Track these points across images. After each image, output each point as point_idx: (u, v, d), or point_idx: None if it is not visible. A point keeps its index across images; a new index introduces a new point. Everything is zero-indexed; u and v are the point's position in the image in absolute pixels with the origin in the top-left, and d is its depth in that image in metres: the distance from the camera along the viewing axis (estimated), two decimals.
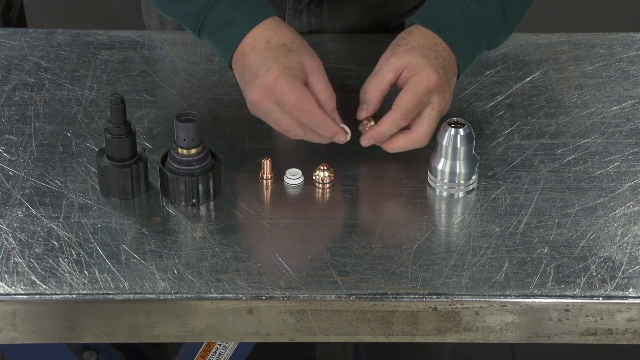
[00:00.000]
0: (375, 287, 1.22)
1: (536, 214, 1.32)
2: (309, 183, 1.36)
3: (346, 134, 1.34)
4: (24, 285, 1.22)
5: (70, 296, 1.21)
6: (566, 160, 1.40)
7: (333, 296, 1.21)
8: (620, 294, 1.22)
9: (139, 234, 1.28)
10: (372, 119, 1.35)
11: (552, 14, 2.97)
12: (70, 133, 1.43)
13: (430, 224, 1.31)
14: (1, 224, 1.29)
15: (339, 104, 1.34)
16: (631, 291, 1.22)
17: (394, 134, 1.34)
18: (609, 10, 3.11)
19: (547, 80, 1.54)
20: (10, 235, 1.28)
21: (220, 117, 1.46)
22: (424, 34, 1.35)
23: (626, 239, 1.29)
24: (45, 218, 1.30)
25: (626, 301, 1.22)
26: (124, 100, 1.29)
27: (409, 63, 1.33)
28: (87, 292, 1.21)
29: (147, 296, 1.21)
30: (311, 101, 1.31)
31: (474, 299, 1.21)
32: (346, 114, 1.36)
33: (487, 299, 1.22)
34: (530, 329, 1.23)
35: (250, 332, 1.23)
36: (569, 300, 1.22)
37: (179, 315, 1.22)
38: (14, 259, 1.25)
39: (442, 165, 1.33)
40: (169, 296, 1.21)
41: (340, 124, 1.34)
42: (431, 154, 1.35)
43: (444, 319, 1.22)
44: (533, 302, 1.22)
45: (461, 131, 1.31)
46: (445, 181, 1.34)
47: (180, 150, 1.30)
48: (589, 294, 1.22)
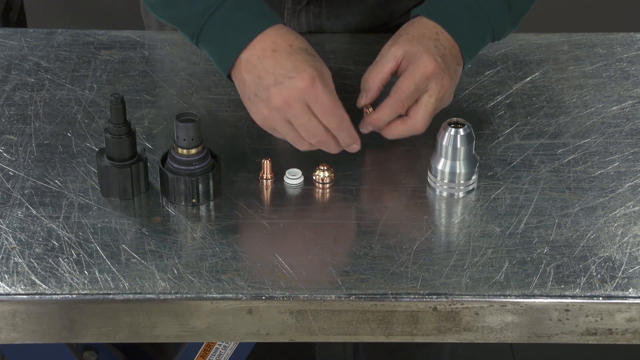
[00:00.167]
0: (375, 287, 1.22)
1: (536, 214, 1.32)
2: (309, 183, 1.36)
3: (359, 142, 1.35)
4: (24, 285, 1.22)
5: (70, 296, 1.21)
6: (566, 160, 1.40)
7: (333, 296, 1.21)
8: (620, 294, 1.22)
9: (139, 234, 1.28)
10: (371, 106, 1.36)
11: (552, 14, 2.97)
12: (70, 133, 1.43)
13: (430, 224, 1.31)
14: (1, 224, 1.29)
15: None
16: (631, 291, 1.22)
17: (391, 120, 1.35)
18: (609, 10, 3.11)
19: (547, 80, 1.54)
20: (10, 235, 1.28)
21: (220, 117, 1.46)
22: (426, 24, 1.36)
23: (626, 239, 1.29)
24: (45, 218, 1.30)
25: (626, 301, 1.22)
26: (124, 100, 1.29)
27: (408, 51, 1.34)
28: (87, 292, 1.21)
29: (147, 296, 1.21)
30: (342, 106, 1.31)
31: (474, 299, 1.21)
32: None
33: (487, 299, 1.22)
34: (530, 329, 1.23)
35: (250, 332, 1.23)
36: (569, 300, 1.22)
37: (179, 315, 1.22)
38: (14, 259, 1.25)
39: (442, 165, 1.33)
40: (169, 296, 1.21)
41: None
42: (431, 154, 1.35)
43: (444, 319, 1.22)
44: (533, 302, 1.22)
45: (461, 131, 1.31)
46: (445, 181, 1.34)
47: (180, 150, 1.30)
48: (589, 294, 1.22)
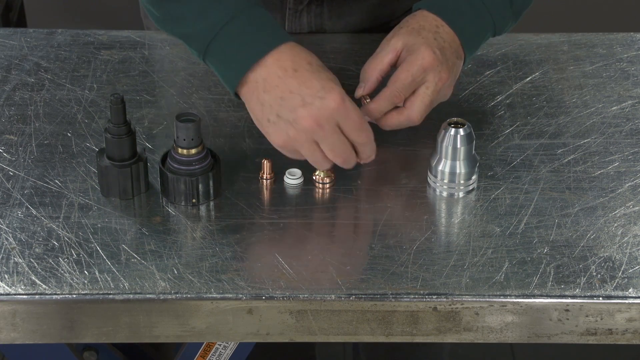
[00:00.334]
0: (375, 287, 1.22)
1: (536, 214, 1.32)
2: (309, 183, 1.36)
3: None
4: (24, 285, 1.22)
5: (70, 296, 1.21)
6: (566, 160, 1.40)
7: (333, 296, 1.21)
8: (620, 294, 1.22)
9: (139, 234, 1.28)
10: (368, 97, 1.36)
11: (552, 14, 2.97)
12: (70, 133, 1.43)
13: (430, 224, 1.31)
14: (1, 224, 1.29)
15: None
16: (631, 291, 1.22)
17: (388, 111, 1.35)
18: (609, 10, 3.11)
19: (547, 80, 1.54)
20: (10, 235, 1.28)
21: (220, 117, 1.46)
22: (426, 17, 1.37)
23: (626, 239, 1.29)
24: (45, 218, 1.30)
25: (626, 301, 1.22)
26: (124, 100, 1.29)
27: (407, 43, 1.35)
28: (87, 292, 1.21)
29: (147, 296, 1.21)
30: (366, 121, 1.31)
31: (474, 299, 1.21)
32: None
33: (487, 299, 1.22)
34: (530, 329, 1.23)
35: (250, 332, 1.23)
36: (569, 300, 1.22)
37: (179, 315, 1.22)
38: (14, 259, 1.25)
39: (442, 165, 1.33)
40: (169, 296, 1.21)
41: None
42: (431, 154, 1.35)
43: (444, 319, 1.22)
44: (533, 302, 1.22)
45: (461, 131, 1.31)
46: (445, 181, 1.34)
47: (180, 150, 1.30)
48: (589, 294, 1.22)
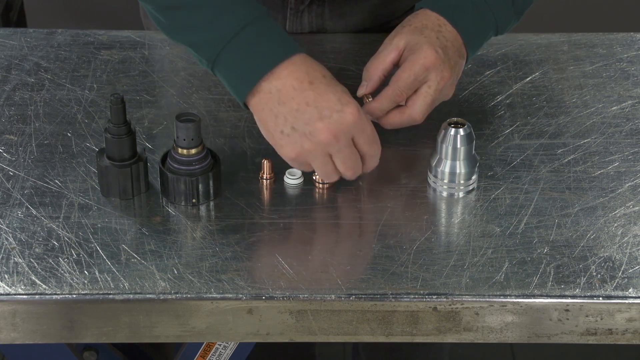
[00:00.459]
0: (375, 287, 1.22)
1: (536, 214, 1.32)
2: (309, 183, 1.36)
3: None
4: (24, 285, 1.22)
5: (70, 296, 1.21)
6: (566, 160, 1.40)
7: (333, 296, 1.21)
8: (620, 294, 1.22)
9: (139, 234, 1.28)
10: (370, 96, 1.37)
11: (552, 14, 2.97)
12: (70, 133, 1.43)
13: (430, 224, 1.31)
14: (1, 224, 1.29)
15: None
16: (631, 291, 1.22)
17: (390, 110, 1.36)
18: (609, 10, 3.11)
19: (547, 80, 1.54)
20: (10, 235, 1.28)
21: (220, 117, 1.46)
22: (429, 16, 1.37)
23: (626, 239, 1.29)
24: (45, 218, 1.30)
25: (626, 301, 1.22)
26: (124, 100, 1.29)
27: (410, 42, 1.35)
28: (87, 292, 1.21)
29: (147, 296, 1.21)
30: (376, 133, 1.31)
31: (474, 299, 1.21)
32: None
33: (487, 299, 1.22)
34: (530, 329, 1.23)
35: (250, 332, 1.23)
36: (569, 300, 1.22)
37: (179, 315, 1.22)
38: (14, 259, 1.25)
39: (442, 165, 1.33)
40: (169, 296, 1.21)
41: None
42: (431, 154, 1.35)
43: (444, 319, 1.22)
44: (533, 302, 1.22)
45: (461, 131, 1.31)
46: (445, 181, 1.34)
47: (180, 150, 1.30)
48: (589, 294, 1.22)
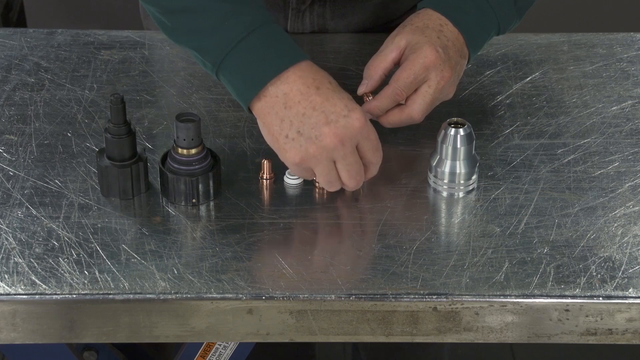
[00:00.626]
0: (375, 287, 1.22)
1: (536, 214, 1.32)
2: (309, 183, 1.36)
3: None
4: (24, 285, 1.22)
5: (70, 296, 1.21)
6: (566, 160, 1.40)
7: (333, 296, 1.21)
8: (620, 294, 1.22)
9: (139, 234, 1.28)
10: (371, 94, 1.37)
11: (552, 14, 2.97)
12: (70, 133, 1.43)
13: (430, 224, 1.31)
14: (1, 224, 1.29)
15: None
16: (631, 291, 1.22)
17: (390, 109, 1.36)
18: (609, 10, 3.11)
19: (547, 80, 1.54)
20: (10, 235, 1.28)
21: (220, 117, 1.46)
22: (431, 16, 1.37)
23: (626, 239, 1.29)
24: (45, 218, 1.30)
25: (626, 301, 1.22)
26: (124, 100, 1.29)
27: (411, 41, 1.35)
28: (87, 292, 1.21)
29: (147, 296, 1.21)
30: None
31: (474, 299, 1.21)
32: None
33: (487, 299, 1.22)
34: (530, 329, 1.23)
35: (250, 332, 1.23)
36: (569, 300, 1.22)
37: (179, 315, 1.22)
38: (14, 259, 1.25)
39: (442, 165, 1.33)
40: (169, 296, 1.21)
41: None
42: (431, 154, 1.35)
43: (444, 319, 1.22)
44: (533, 302, 1.22)
45: (461, 131, 1.31)
46: (445, 181, 1.34)
47: (180, 150, 1.30)
48: (589, 294, 1.22)
